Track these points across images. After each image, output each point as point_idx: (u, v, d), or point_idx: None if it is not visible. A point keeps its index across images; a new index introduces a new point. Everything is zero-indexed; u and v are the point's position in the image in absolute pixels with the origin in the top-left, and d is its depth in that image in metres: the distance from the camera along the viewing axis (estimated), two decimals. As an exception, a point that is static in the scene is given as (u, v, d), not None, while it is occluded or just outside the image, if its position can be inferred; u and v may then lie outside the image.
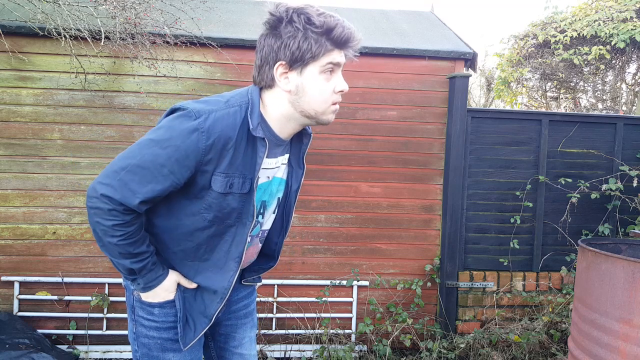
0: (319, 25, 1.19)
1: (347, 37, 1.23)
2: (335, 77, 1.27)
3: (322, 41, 1.21)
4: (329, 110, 1.29)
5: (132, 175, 1.19)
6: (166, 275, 1.36)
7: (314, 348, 3.16)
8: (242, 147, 1.26)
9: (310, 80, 1.24)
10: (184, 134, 1.19)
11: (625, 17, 6.27)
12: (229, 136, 1.23)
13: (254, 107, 1.28)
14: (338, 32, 1.21)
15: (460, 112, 3.28)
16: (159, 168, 1.19)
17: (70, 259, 3.14)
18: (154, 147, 1.19)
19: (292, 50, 1.21)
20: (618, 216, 3.52)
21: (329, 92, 1.27)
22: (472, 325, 3.43)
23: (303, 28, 1.19)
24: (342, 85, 1.28)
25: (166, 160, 1.19)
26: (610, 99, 7.78)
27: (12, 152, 3.06)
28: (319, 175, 3.28)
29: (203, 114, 1.20)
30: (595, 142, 3.54)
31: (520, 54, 7.41)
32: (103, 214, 1.20)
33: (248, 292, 1.64)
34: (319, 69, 1.23)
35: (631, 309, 1.90)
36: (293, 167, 1.47)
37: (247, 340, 1.63)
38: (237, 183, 1.27)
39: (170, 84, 3.13)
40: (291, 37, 1.20)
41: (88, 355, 3.10)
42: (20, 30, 2.94)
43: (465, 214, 3.46)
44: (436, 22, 4.10)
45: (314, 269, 3.34)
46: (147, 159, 1.19)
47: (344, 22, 1.22)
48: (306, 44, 1.20)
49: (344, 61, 1.27)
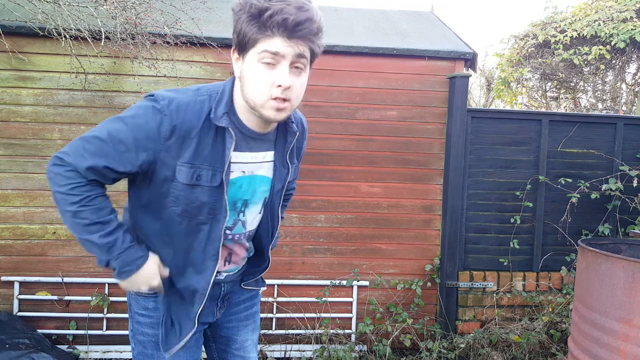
0: (255, 7, 1.10)
1: (284, 22, 1.09)
2: (278, 68, 1.15)
3: (255, 26, 1.11)
4: (268, 105, 1.18)
5: (89, 144, 1.19)
6: (145, 259, 1.28)
7: (314, 348, 3.16)
8: (209, 138, 1.23)
9: (249, 68, 1.17)
10: (147, 115, 1.19)
11: (625, 17, 6.27)
12: (193, 124, 1.21)
13: (223, 96, 1.26)
14: (274, 18, 1.08)
15: (460, 112, 3.28)
16: (116, 143, 1.19)
17: (70, 259, 3.14)
18: (117, 123, 1.20)
19: (236, 34, 1.17)
20: (618, 216, 3.52)
21: (266, 84, 1.15)
22: (472, 325, 3.43)
23: (241, 10, 1.13)
24: (281, 80, 1.14)
25: (125, 136, 1.19)
26: (610, 99, 7.78)
27: (12, 152, 3.06)
28: (319, 175, 3.28)
29: (167, 99, 1.20)
30: (595, 142, 3.54)
31: (520, 54, 7.41)
32: (58, 179, 1.18)
33: (251, 295, 1.62)
34: (256, 56, 1.14)
35: (631, 309, 1.90)
36: (277, 166, 1.41)
37: (249, 343, 1.61)
38: (205, 175, 1.24)
39: (171, 84, 3.13)
40: (235, 21, 1.16)
41: (88, 355, 3.10)
42: (20, 30, 2.94)
43: (465, 214, 3.46)
44: (436, 22, 4.10)
45: (314, 269, 3.34)
46: (107, 132, 1.19)
47: (281, 6, 1.09)
48: (243, 27, 1.13)
49: (288, 52, 1.13)
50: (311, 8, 1.13)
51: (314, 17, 1.13)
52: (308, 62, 1.20)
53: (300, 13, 1.10)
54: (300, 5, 1.11)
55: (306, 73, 1.22)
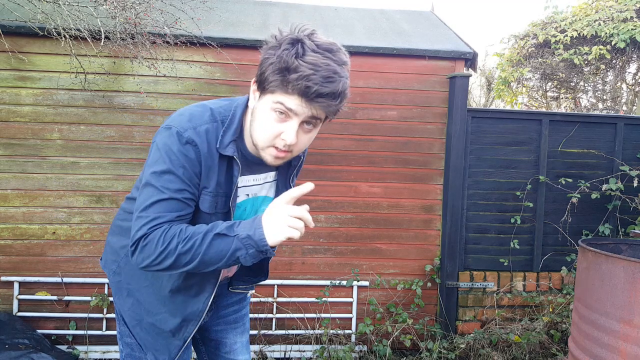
0: (285, 59, 1.07)
1: (304, 89, 1.06)
2: (288, 123, 1.12)
3: (278, 77, 1.08)
4: (268, 151, 1.17)
5: (159, 207, 1.15)
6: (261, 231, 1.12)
7: (314, 348, 3.16)
8: (223, 165, 1.23)
9: (262, 111, 1.15)
10: (181, 151, 1.16)
11: (625, 17, 6.27)
12: (213, 152, 1.20)
13: (232, 123, 1.23)
14: (294, 77, 1.06)
15: (461, 112, 3.28)
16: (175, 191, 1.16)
17: (69, 259, 3.14)
18: (165, 176, 1.16)
19: (259, 70, 1.14)
20: (618, 216, 3.51)
21: (273, 133, 1.14)
22: (472, 325, 3.42)
23: (271, 53, 1.10)
24: (287, 136, 1.12)
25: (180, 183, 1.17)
26: (611, 99, 7.77)
27: (11, 152, 3.06)
28: (319, 175, 3.28)
29: (190, 129, 1.17)
30: (596, 142, 3.53)
31: (521, 53, 7.40)
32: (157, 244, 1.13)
33: (239, 298, 1.62)
34: (271, 104, 1.12)
35: (631, 309, 1.90)
36: (279, 188, 1.41)
37: (238, 346, 1.60)
38: (220, 202, 1.24)
39: (170, 84, 3.13)
40: (263, 58, 1.14)
41: (88, 356, 3.10)
42: (20, 30, 2.93)
43: (466, 214, 3.46)
44: (436, 22, 4.10)
45: (314, 269, 3.34)
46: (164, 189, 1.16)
47: (308, 73, 1.05)
48: (267, 72, 1.10)
49: (302, 112, 1.10)
50: (338, 80, 1.09)
51: (339, 89, 1.09)
52: (322, 122, 1.19)
53: (325, 85, 1.07)
54: (329, 75, 1.07)
55: (317, 129, 1.20)
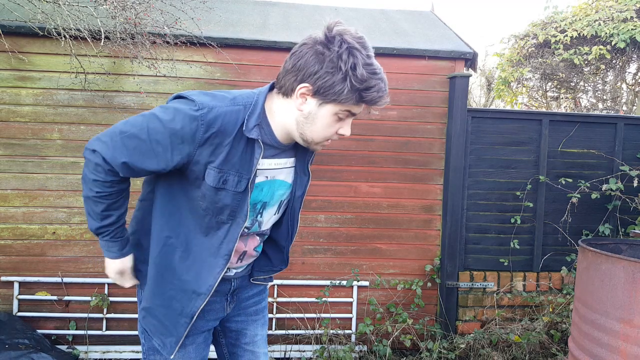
0: (360, 79, 1.18)
1: (377, 100, 1.24)
2: (345, 121, 1.30)
3: (354, 95, 1.21)
4: (321, 144, 1.34)
5: (128, 141, 1.23)
6: (115, 256, 1.39)
7: (314, 348, 3.16)
8: (240, 146, 1.28)
9: (323, 117, 1.26)
10: (185, 121, 1.22)
11: (625, 17, 6.27)
12: (227, 133, 1.25)
13: (255, 109, 1.29)
14: (372, 95, 1.22)
15: (461, 112, 3.28)
16: (154, 143, 1.23)
17: (69, 259, 3.14)
18: (156, 123, 1.23)
19: (324, 84, 1.20)
20: (618, 216, 3.51)
21: (332, 132, 1.30)
22: (472, 325, 3.42)
23: (344, 72, 1.18)
24: (345, 131, 1.32)
25: (162, 138, 1.23)
26: (611, 99, 7.77)
27: (11, 152, 3.06)
28: (319, 175, 3.28)
29: (206, 107, 1.23)
30: (596, 142, 3.53)
31: (521, 53, 7.40)
32: (90, 166, 1.27)
33: (259, 290, 1.66)
34: (337, 111, 1.25)
35: (631, 309, 1.90)
36: (298, 174, 1.48)
37: (259, 338, 1.64)
38: (231, 180, 1.29)
39: (170, 84, 3.13)
40: (329, 72, 1.19)
41: (88, 356, 3.10)
42: (20, 30, 2.93)
43: (466, 214, 3.46)
44: (436, 22, 4.10)
45: (314, 269, 3.34)
46: (146, 131, 1.23)
47: (380, 85, 1.22)
48: (338, 87, 1.20)
49: (359, 112, 1.30)
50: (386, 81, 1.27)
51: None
52: None
53: (385, 91, 1.25)
54: (385, 80, 1.25)
55: None
